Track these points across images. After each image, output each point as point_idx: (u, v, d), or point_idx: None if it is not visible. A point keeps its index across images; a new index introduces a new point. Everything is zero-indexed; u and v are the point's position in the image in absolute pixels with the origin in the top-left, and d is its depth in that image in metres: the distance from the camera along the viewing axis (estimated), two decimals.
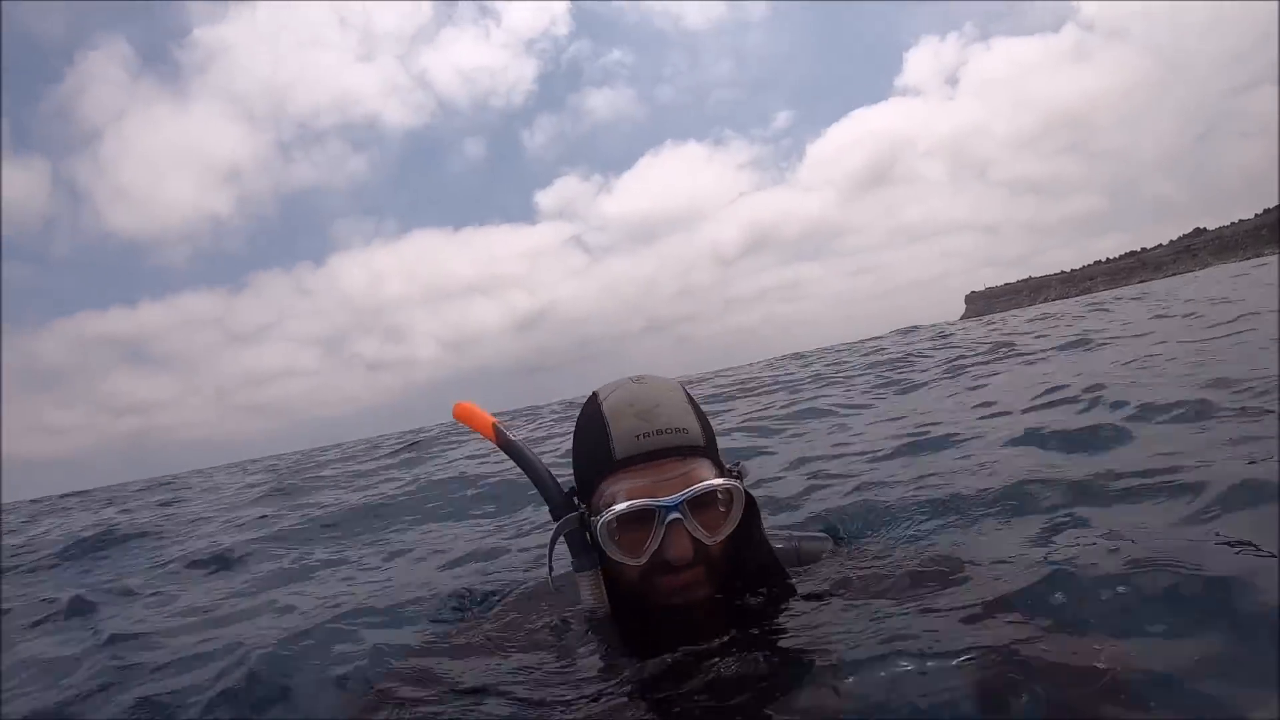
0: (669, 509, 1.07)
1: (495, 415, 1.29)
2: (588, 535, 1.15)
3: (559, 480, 1.23)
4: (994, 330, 12.14)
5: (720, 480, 1.12)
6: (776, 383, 8.58)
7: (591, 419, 1.18)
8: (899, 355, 9.11)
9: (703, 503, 1.11)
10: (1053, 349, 6.38)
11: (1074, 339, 6.80)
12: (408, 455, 7.37)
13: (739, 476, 1.16)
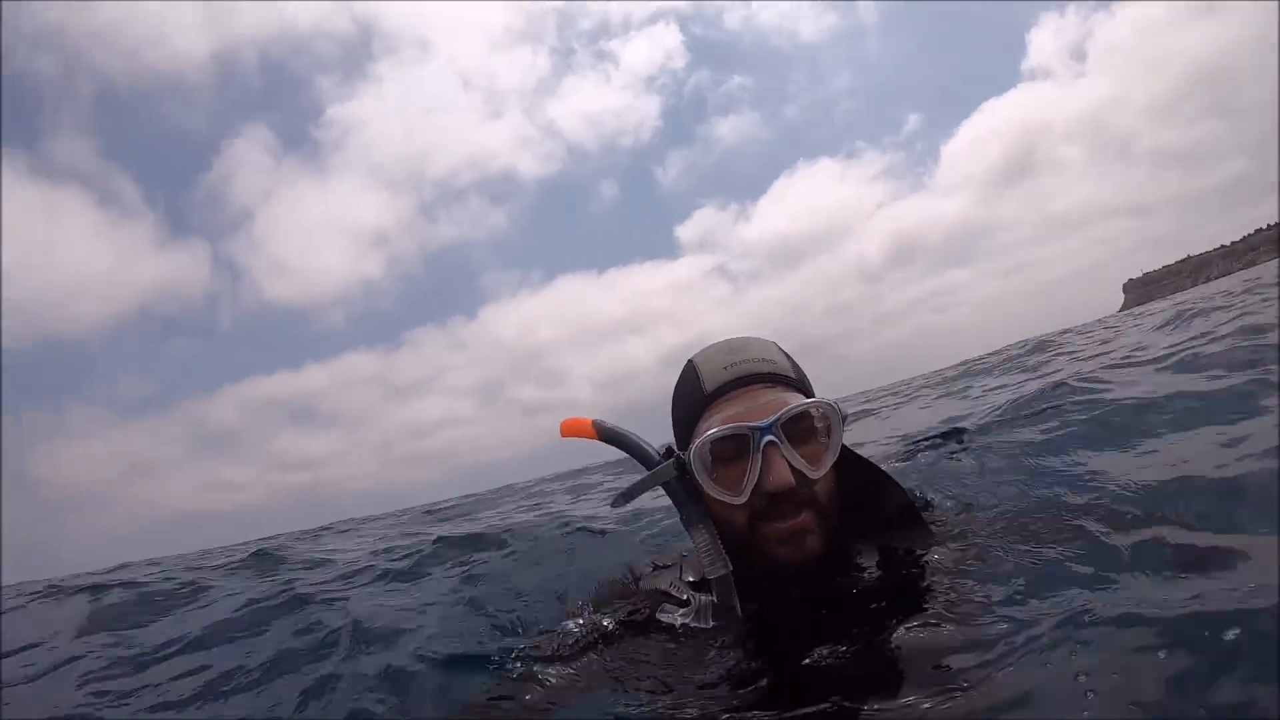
0: (763, 431, 1.06)
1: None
2: (690, 485, 1.15)
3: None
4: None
5: (813, 400, 1.12)
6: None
7: (685, 374, 1.23)
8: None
9: (799, 432, 1.09)
10: None
11: None
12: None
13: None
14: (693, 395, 1.18)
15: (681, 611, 1.14)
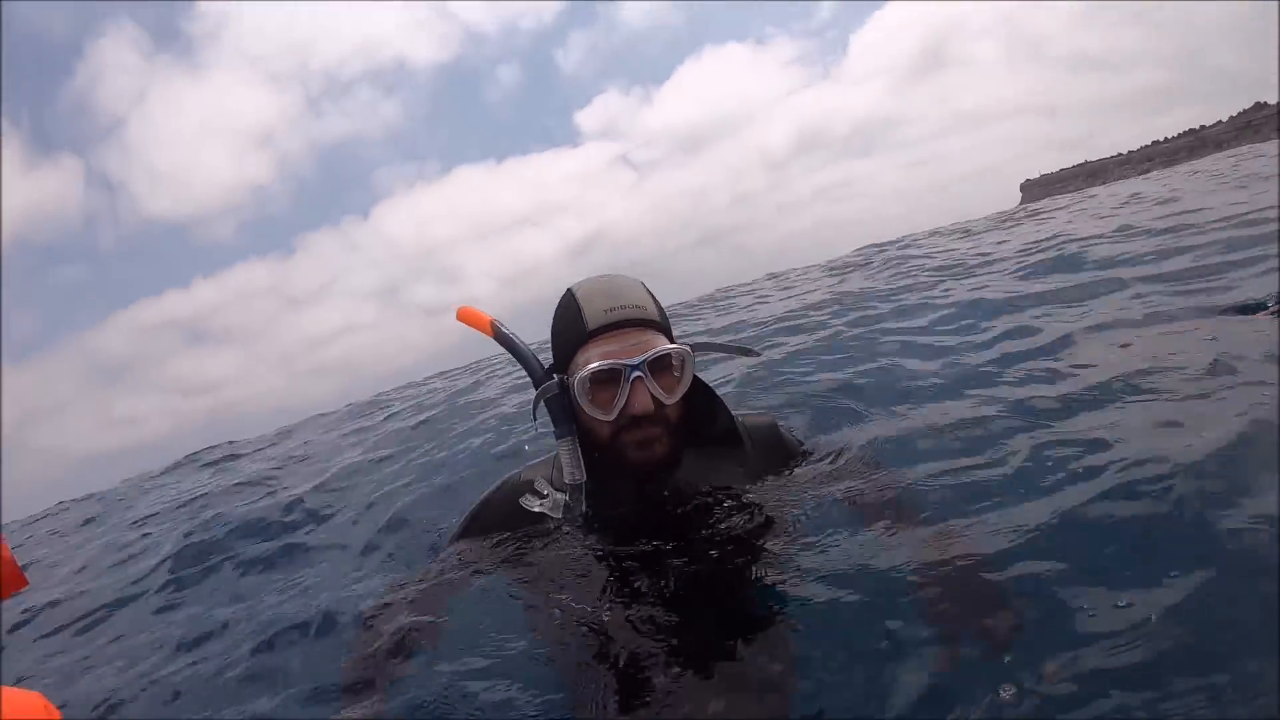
0: (633, 368, 1.34)
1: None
2: (566, 401, 1.41)
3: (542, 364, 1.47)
4: None
5: (674, 345, 1.40)
6: None
7: (567, 304, 1.46)
8: None
9: (660, 366, 1.38)
10: None
11: None
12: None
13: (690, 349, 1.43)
14: (574, 326, 1.42)
15: (540, 502, 1.44)
